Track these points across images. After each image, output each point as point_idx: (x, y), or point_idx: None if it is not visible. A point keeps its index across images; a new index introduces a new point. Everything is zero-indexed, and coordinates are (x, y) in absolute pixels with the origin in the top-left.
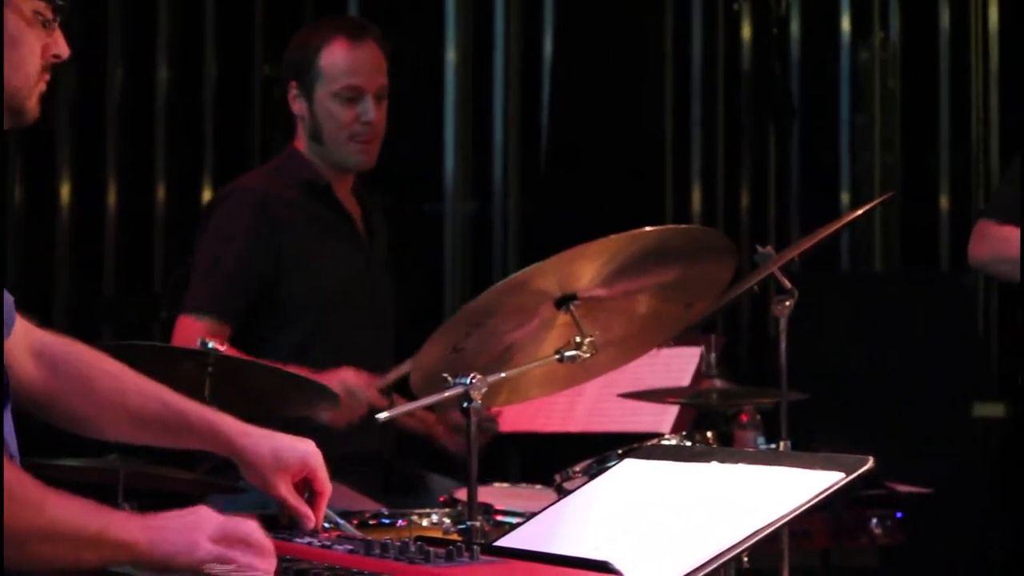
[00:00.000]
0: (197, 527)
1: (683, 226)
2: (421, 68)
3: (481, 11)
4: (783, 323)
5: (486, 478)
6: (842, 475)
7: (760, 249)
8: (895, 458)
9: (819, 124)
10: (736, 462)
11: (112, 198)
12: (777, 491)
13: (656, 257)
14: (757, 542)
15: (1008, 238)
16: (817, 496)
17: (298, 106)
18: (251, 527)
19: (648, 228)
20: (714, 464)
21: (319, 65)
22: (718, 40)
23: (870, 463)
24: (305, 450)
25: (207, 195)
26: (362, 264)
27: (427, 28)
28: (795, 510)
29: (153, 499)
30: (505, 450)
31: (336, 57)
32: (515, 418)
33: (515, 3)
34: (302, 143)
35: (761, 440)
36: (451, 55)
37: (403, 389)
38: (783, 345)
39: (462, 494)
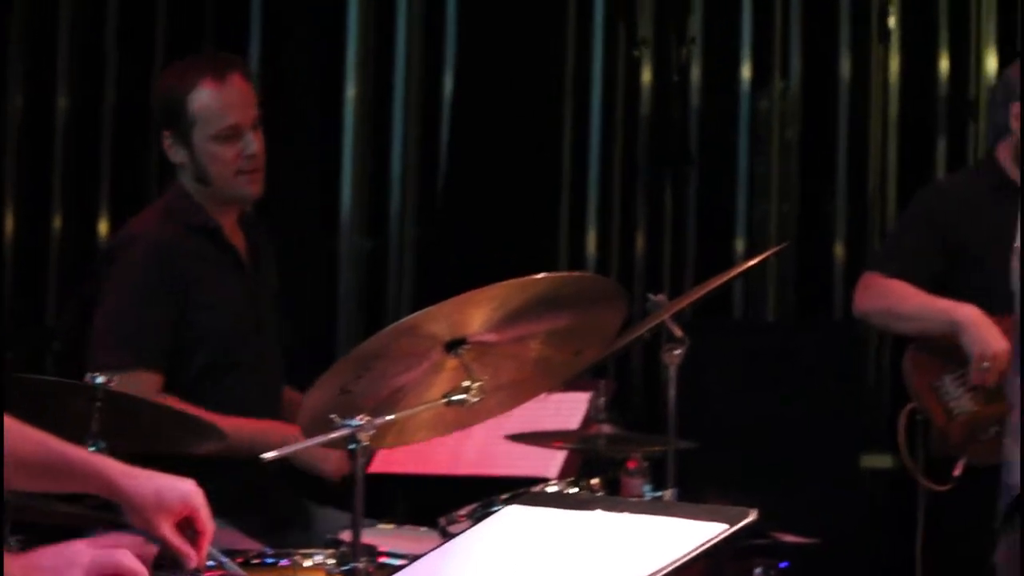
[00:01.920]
0: (71, 563)
1: (575, 274)
2: (321, 103)
3: (382, 47)
4: (673, 371)
5: (372, 519)
6: (725, 526)
7: (652, 297)
8: (782, 508)
9: (717, 171)
10: (620, 511)
11: (8, 227)
12: (660, 542)
13: (547, 304)
14: None
15: (893, 291)
16: (699, 548)
17: (176, 154)
18: (124, 558)
19: (539, 275)
20: (598, 512)
21: (191, 111)
22: (618, 85)
23: (752, 515)
24: (186, 489)
25: (104, 226)
26: (250, 297)
27: (328, 63)
28: (676, 561)
29: (40, 533)
30: (391, 492)
31: (207, 100)
32: (402, 460)
33: (416, 40)
34: (187, 184)
35: (648, 488)
36: (351, 91)
37: None
38: (672, 393)
39: (347, 535)
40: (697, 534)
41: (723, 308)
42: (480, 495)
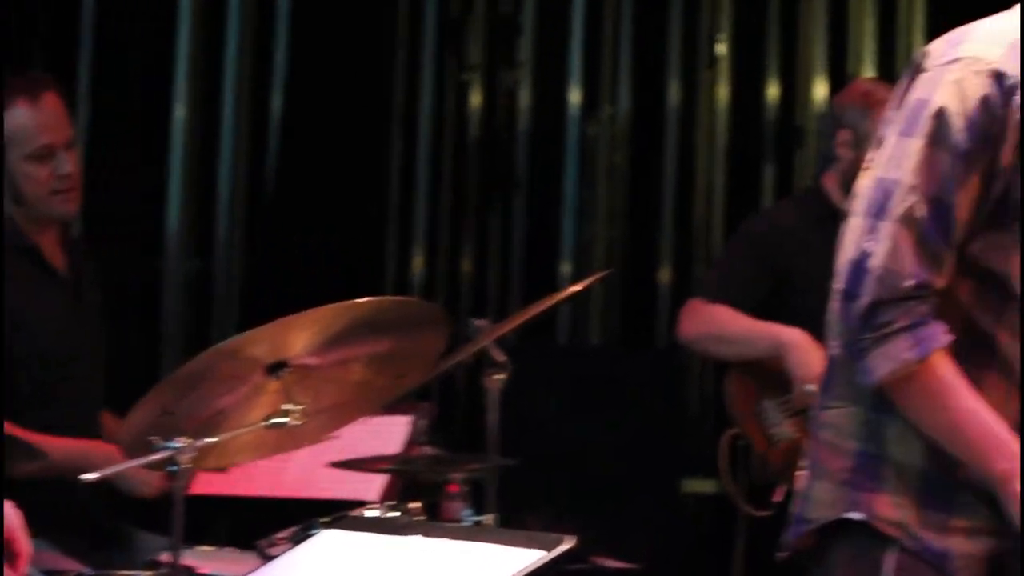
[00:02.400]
0: None
1: (396, 298)
2: (149, 122)
3: (211, 66)
4: (494, 395)
5: (191, 541)
6: (542, 553)
7: (474, 322)
8: (605, 532)
9: (544, 195)
10: (439, 536)
11: None
12: (476, 569)
13: (368, 328)
14: None
15: (717, 316)
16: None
17: None
18: None
19: (361, 299)
20: (416, 538)
21: (4, 132)
22: (447, 108)
23: (570, 542)
24: (3, 511)
25: None
26: (71, 318)
27: (156, 83)
28: None
29: None
30: (212, 513)
31: (20, 120)
32: (223, 482)
33: (246, 59)
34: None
35: (468, 512)
36: (179, 111)
37: None
38: (493, 417)
39: (167, 557)
40: (514, 561)
41: (548, 332)
42: (301, 518)
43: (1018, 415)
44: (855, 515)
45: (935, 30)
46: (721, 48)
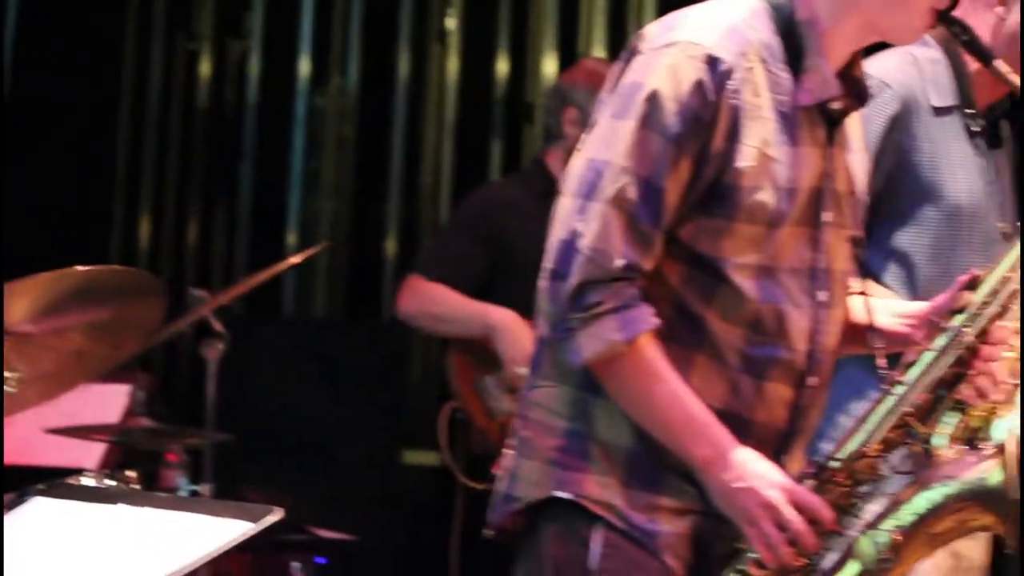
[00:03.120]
0: None
1: (112, 267)
2: None
3: None
4: (213, 366)
5: None
6: (249, 525)
7: (194, 291)
8: (325, 504)
9: (271, 166)
10: (144, 506)
11: None
12: (181, 539)
13: (85, 296)
14: None
15: (433, 294)
16: (221, 547)
17: None
18: None
19: (78, 268)
20: (122, 507)
21: None
22: (175, 77)
23: (278, 514)
24: None
25: None
26: None
27: None
28: (196, 562)
29: None
30: None
31: None
32: None
33: None
34: None
35: (185, 481)
36: None
37: None
38: (212, 388)
39: None
40: (220, 532)
41: (274, 304)
42: (18, 485)
43: (727, 396)
44: (563, 494)
45: (665, 12)
46: (451, 22)
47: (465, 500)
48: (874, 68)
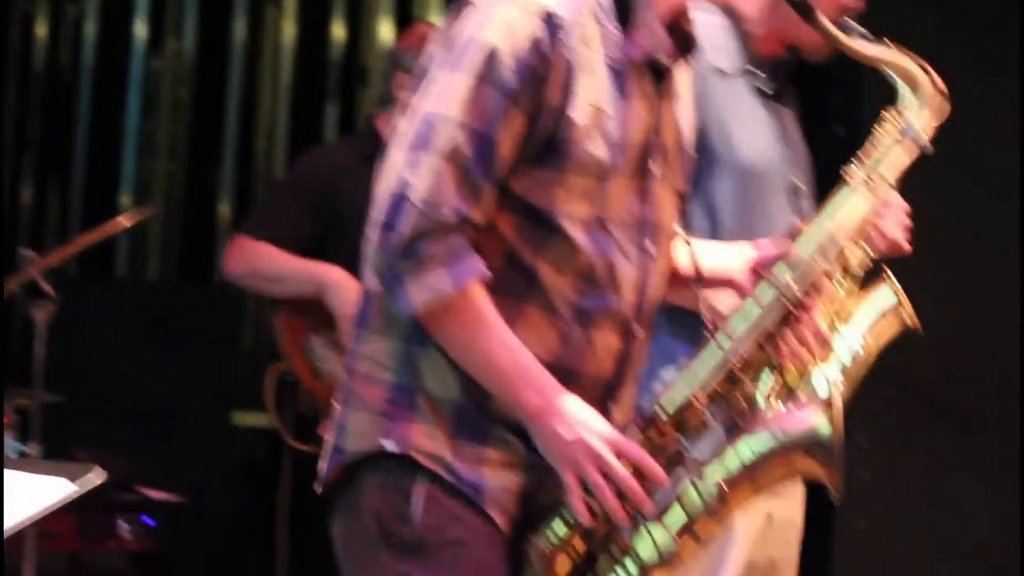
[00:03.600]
0: None
1: None
2: None
3: None
4: (41, 327)
5: None
6: (72, 486)
7: (22, 252)
8: (155, 465)
9: (106, 129)
10: None
11: None
12: (4, 499)
13: None
14: None
15: (261, 254)
16: (43, 508)
17: None
18: None
19: None
20: None
21: None
22: (10, 38)
23: (100, 476)
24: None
25: None
26: None
27: None
28: (19, 523)
29: None
30: None
31: None
32: None
33: None
34: None
35: (14, 442)
36: None
37: None
38: (40, 349)
39: None
40: (39, 492)
41: (107, 266)
42: None
43: (557, 347)
44: (389, 445)
45: None
46: None
47: (293, 462)
48: None
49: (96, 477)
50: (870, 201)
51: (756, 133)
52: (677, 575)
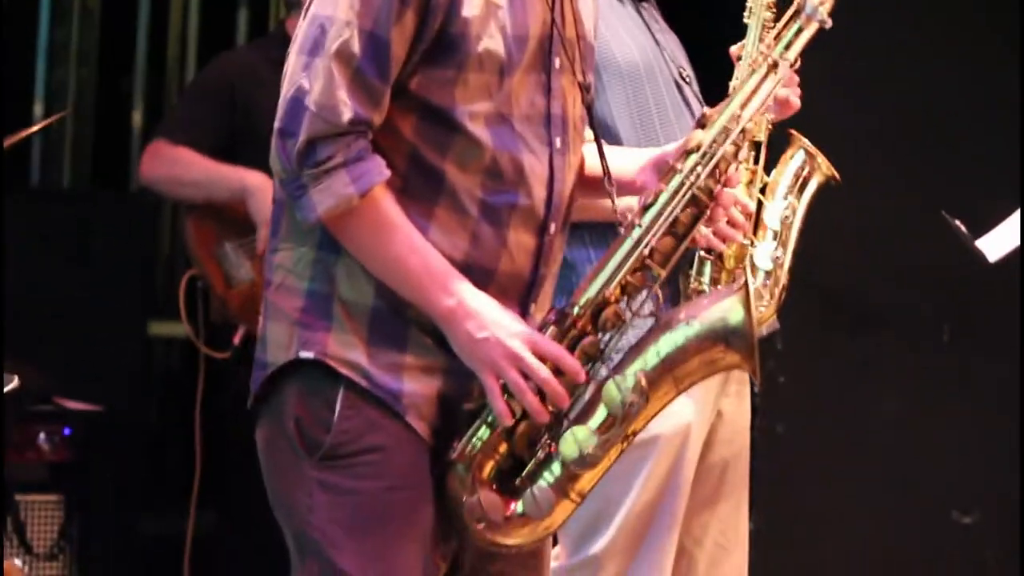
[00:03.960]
0: None
1: None
2: None
3: None
4: None
5: None
6: None
7: None
8: (71, 376)
9: (16, 37)
10: None
11: None
12: None
13: None
14: None
15: (179, 159)
16: None
17: None
18: None
19: None
20: None
21: None
22: None
23: (12, 381)
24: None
25: None
26: None
27: None
28: None
29: None
30: None
31: None
32: None
33: None
34: None
35: None
36: None
37: None
38: None
39: None
40: None
41: (21, 175)
42: None
43: (468, 247)
44: (306, 354)
45: None
46: None
47: (207, 369)
48: None
49: (10, 384)
50: (774, 81)
51: (630, 34)
52: (601, 476)
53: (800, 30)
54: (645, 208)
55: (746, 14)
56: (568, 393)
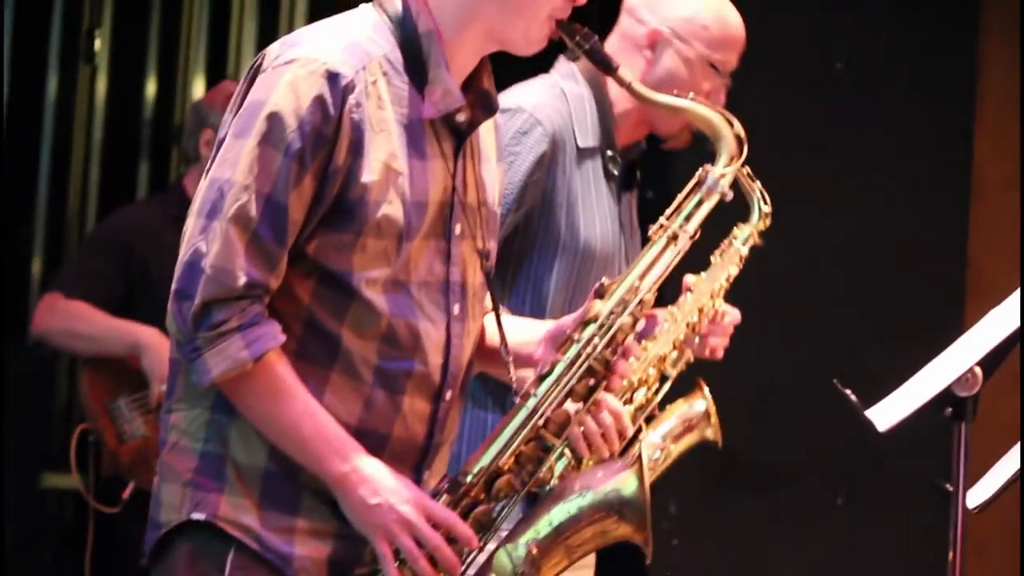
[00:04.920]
0: None
1: None
2: None
3: None
4: None
5: None
6: None
7: None
8: None
9: None
10: None
11: None
12: None
13: None
14: None
15: (73, 312)
16: None
17: None
18: None
19: None
20: None
21: None
22: None
23: None
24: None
25: None
26: None
27: None
28: None
29: None
30: None
31: None
32: None
33: None
34: None
35: None
36: None
37: None
38: None
39: None
40: None
41: None
42: None
43: (362, 412)
44: (198, 515)
45: None
46: (99, 43)
47: (97, 523)
48: (526, 101)
49: None
50: (674, 253)
51: (600, 218)
52: None
53: (700, 202)
54: (541, 378)
55: None
56: (460, 560)
